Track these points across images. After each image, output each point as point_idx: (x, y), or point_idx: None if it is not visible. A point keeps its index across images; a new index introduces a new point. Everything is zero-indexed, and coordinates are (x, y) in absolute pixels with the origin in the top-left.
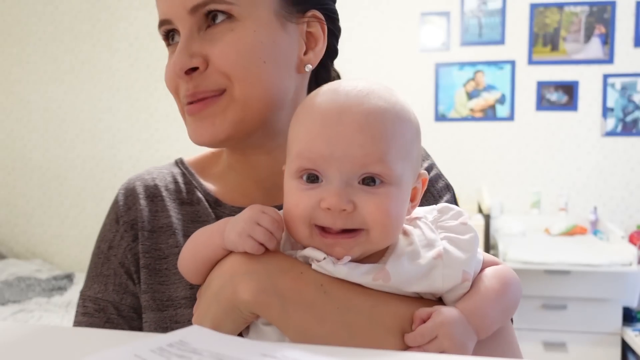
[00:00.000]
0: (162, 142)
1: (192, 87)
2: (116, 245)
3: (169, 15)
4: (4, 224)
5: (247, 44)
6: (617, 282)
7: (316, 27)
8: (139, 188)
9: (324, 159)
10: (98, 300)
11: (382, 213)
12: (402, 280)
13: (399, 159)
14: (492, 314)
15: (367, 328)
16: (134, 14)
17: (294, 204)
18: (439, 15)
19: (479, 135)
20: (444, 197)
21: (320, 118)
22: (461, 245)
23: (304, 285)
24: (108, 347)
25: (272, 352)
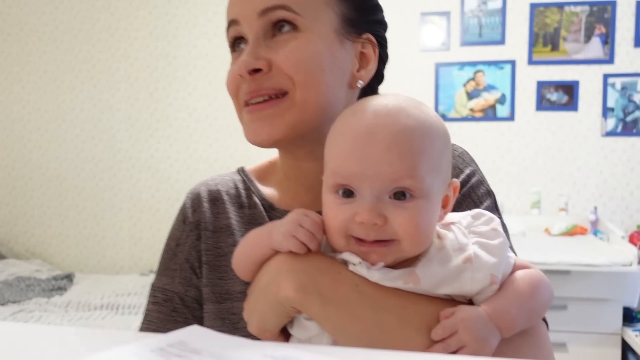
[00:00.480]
0: (162, 142)
1: (254, 85)
2: (182, 243)
3: (238, 16)
4: (3, 224)
5: (309, 51)
6: (618, 282)
7: (369, 48)
8: (203, 193)
9: (356, 177)
10: (166, 291)
11: (412, 225)
12: (432, 283)
13: (428, 173)
14: (515, 313)
15: (397, 327)
16: (134, 13)
17: (331, 217)
18: (439, 15)
19: (479, 135)
20: (485, 202)
21: (352, 138)
22: (491, 249)
23: (341, 284)
24: (108, 347)
25: (272, 352)
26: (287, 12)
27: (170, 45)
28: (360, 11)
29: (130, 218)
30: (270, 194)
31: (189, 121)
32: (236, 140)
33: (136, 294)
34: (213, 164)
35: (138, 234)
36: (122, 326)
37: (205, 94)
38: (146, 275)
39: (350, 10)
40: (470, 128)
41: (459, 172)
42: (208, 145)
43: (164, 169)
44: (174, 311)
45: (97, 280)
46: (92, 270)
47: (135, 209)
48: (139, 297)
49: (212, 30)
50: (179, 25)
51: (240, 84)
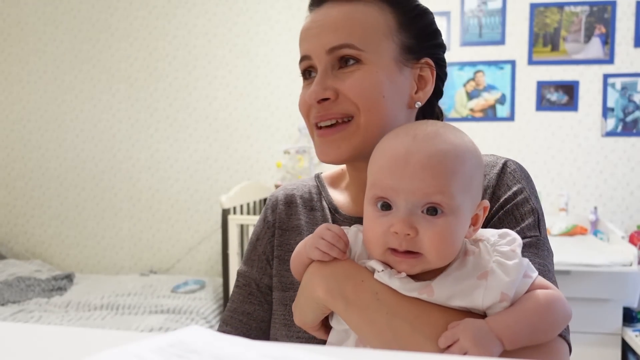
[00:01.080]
0: (162, 143)
1: (322, 110)
2: (261, 238)
3: (310, 52)
4: (3, 224)
5: (371, 81)
6: (618, 283)
7: (427, 71)
8: (280, 196)
9: (393, 190)
10: (246, 277)
11: (440, 240)
12: (445, 295)
13: (459, 192)
14: (517, 328)
15: (409, 333)
16: (134, 13)
17: (370, 228)
18: (439, 15)
19: (479, 135)
20: (526, 220)
21: (392, 157)
22: (506, 269)
23: (362, 291)
24: (108, 347)
25: (272, 352)
26: (351, 49)
27: (170, 45)
28: (418, 38)
29: (130, 218)
30: (337, 198)
31: (189, 121)
32: (236, 140)
33: (136, 294)
34: (213, 164)
35: (138, 234)
36: (122, 326)
37: (205, 94)
38: (146, 276)
39: (410, 39)
40: (470, 128)
41: (506, 189)
42: (208, 145)
43: (163, 169)
44: (250, 294)
45: (97, 280)
46: (92, 270)
47: (135, 209)
48: (138, 297)
49: (211, 30)
50: (179, 25)
51: (311, 107)
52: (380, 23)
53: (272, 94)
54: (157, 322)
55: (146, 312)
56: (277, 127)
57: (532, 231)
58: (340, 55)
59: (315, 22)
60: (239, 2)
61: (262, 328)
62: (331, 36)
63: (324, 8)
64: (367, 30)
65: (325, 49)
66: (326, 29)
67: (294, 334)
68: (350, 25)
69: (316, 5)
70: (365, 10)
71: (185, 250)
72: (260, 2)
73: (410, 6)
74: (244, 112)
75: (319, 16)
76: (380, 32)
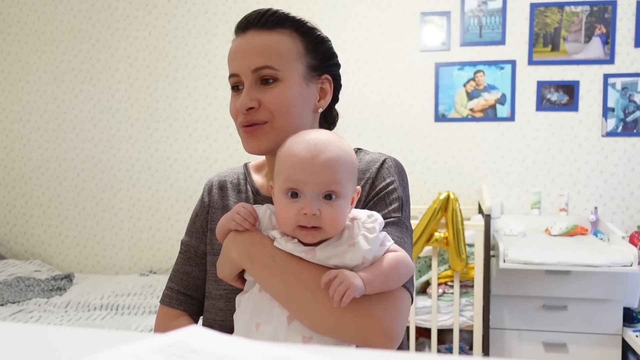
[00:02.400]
0: (162, 143)
1: (249, 117)
2: (199, 215)
3: (238, 71)
4: (3, 224)
5: (285, 95)
6: (618, 283)
7: (327, 85)
8: (215, 181)
9: (302, 183)
10: (187, 245)
11: (335, 217)
12: (324, 257)
13: (346, 182)
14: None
15: (295, 284)
16: (134, 13)
17: (284, 212)
18: (439, 15)
19: (479, 135)
20: (393, 204)
21: (300, 158)
22: (368, 240)
23: (264, 254)
24: (108, 348)
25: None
26: (270, 70)
27: (169, 45)
28: (320, 60)
29: (130, 218)
30: (260, 183)
31: (189, 121)
32: (235, 140)
33: (136, 294)
34: (213, 164)
35: (137, 234)
36: (121, 326)
37: (205, 94)
38: (146, 276)
39: (314, 60)
40: (470, 128)
41: (382, 180)
42: (208, 145)
43: (163, 169)
44: (190, 258)
45: (97, 280)
46: (92, 270)
47: (135, 209)
48: (138, 297)
49: (211, 30)
50: (179, 25)
51: (239, 113)
52: (291, 49)
53: None
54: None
55: (146, 312)
56: None
57: (396, 213)
58: (262, 75)
59: (242, 47)
60: (239, 2)
61: (198, 284)
62: (255, 59)
63: (248, 35)
64: (282, 55)
65: (250, 69)
66: (251, 53)
67: (221, 287)
68: (270, 50)
69: (241, 31)
70: (280, 38)
71: None
72: (260, 2)
73: (314, 35)
74: None
75: (244, 42)
76: (292, 56)
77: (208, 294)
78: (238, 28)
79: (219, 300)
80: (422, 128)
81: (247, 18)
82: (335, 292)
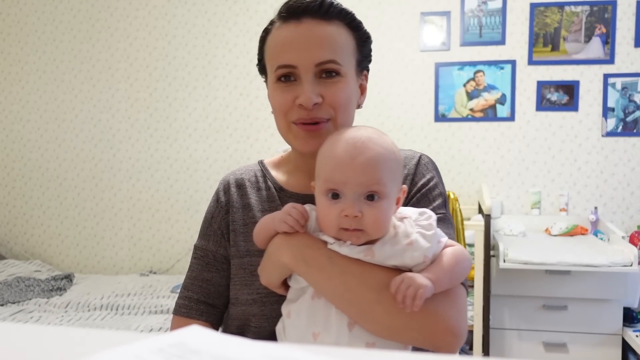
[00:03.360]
0: (162, 142)
1: (312, 114)
2: (215, 216)
3: (297, 63)
4: (3, 225)
5: (347, 91)
6: (618, 283)
7: (364, 81)
8: (231, 180)
9: (342, 184)
10: (203, 250)
11: (377, 218)
12: (383, 257)
13: (389, 182)
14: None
15: (356, 285)
16: (134, 13)
17: (325, 214)
18: (439, 15)
19: (479, 135)
20: (437, 201)
21: (340, 159)
22: (426, 237)
23: (320, 255)
24: (108, 347)
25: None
26: (335, 64)
27: (169, 45)
28: (364, 55)
29: (130, 218)
30: (280, 179)
31: (189, 121)
32: (235, 140)
33: (136, 294)
34: (213, 164)
35: (137, 234)
36: (121, 326)
37: (205, 94)
38: (146, 276)
39: (360, 56)
40: (470, 128)
41: (421, 177)
42: (208, 145)
43: (163, 169)
44: (208, 264)
45: (97, 280)
46: (92, 270)
47: (135, 209)
48: (138, 297)
49: (211, 30)
50: (178, 25)
51: (292, 108)
52: (349, 43)
53: None
54: (157, 322)
55: (146, 312)
56: (277, 127)
57: (442, 210)
58: (325, 68)
59: (301, 36)
60: (239, 2)
61: (219, 291)
62: (320, 52)
63: (304, 24)
64: (343, 49)
65: (314, 63)
66: (314, 45)
67: (253, 291)
68: (334, 44)
69: (295, 18)
70: (339, 31)
71: (185, 250)
72: (260, 2)
73: (362, 31)
74: (244, 112)
75: (302, 30)
76: (350, 50)
77: (235, 300)
78: (290, 12)
79: (252, 305)
80: (422, 128)
81: (301, 3)
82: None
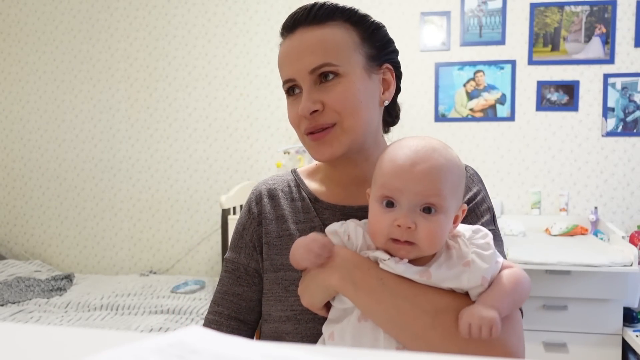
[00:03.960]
0: (162, 143)
1: (314, 123)
2: (247, 227)
3: (293, 75)
4: (3, 225)
5: (350, 91)
6: (618, 283)
7: (388, 74)
8: (263, 190)
9: (399, 191)
10: (234, 263)
11: (432, 234)
12: (440, 279)
13: (449, 196)
14: (503, 302)
15: (410, 309)
16: (134, 13)
17: (377, 222)
18: (439, 15)
19: (479, 135)
20: (485, 217)
21: (399, 165)
22: (484, 258)
23: (369, 277)
24: (108, 347)
25: (272, 353)
26: (329, 66)
27: (169, 45)
28: (378, 48)
29: (130, 218)
30: (315, 189)
31: (189, 121)
32: (235, 141)
33: (136, 294)
34: (213, 164)
35: (137, 234)
36: (121, 326)
37: (205, 94)
38: (146, 276)
39: (372, 49)
40: (470, 128)
41: (467, 190)
42: (208, 145)
43: (163, 169)
44: (239, 278)
45: (97, 280)
46: (92, 270)
47: (135, 209)
48: (138, 297)
49: (211, 30)
50: (178, 25)
51: (301, 119)
52: (347, 40)
53: (272, 93)
54: (157, 322)
55: (146, 312)
56: (277, 127)
57: (491, 225)
58: (320, 73)
59: (293, 48)
60: (239, 2)
61: (250, 307)
62: (311, 58)
63: (296, 34)
64: (338, 48)
65: (307, 70)
66: (304, 53)
67: (287, 308)
68: (324, 45)
69: (289, 32)
70: (333, 31)
71: (185, 250)
72: (260, 2)
73: (367, 22)
74: (244, 112)
75: (294, 42)
76: (349, 47)
77: (267, 317)
78: (285, 29)
79: (286, 323)
80: (422, 128)
81: (294, 16)
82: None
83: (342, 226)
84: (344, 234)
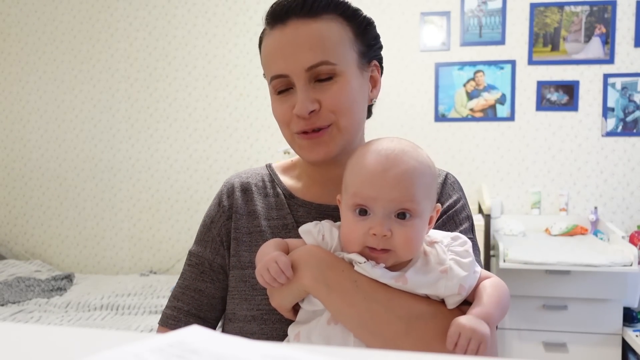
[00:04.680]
0: (162, 143)
1: (310, 123)
2: (216, 221)
3: (287, 71)
4: (3, 225)
5: (347, 91)
6: (618, 283)
7: (375, 72)
8: (236, 183)
9: (372, 199)
10: (199, 257)
11: (409, 239)
12: (416, 285)
13: (422, 199)
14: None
15: (383, 314)
16: (134, 13)
17: (351, 231)
18: (439, 15)
19: (479, 135)
20: (464, 224)
21: (370, 172)
22: (462, 265)
23: (343, 279)
24: (108, 347)
25: (272, 353)
26: (327, 65)
27: (169, 45)
28: (368, 45)
29: (130, 218)
30: (290, 185)
31: (189, 121)
32: (235, 141)
33: (136, 294)
34: (213, 164)
35: (138, 234)
36: (122, 326)
37: (205, 94)
38: (146, 276)
39: (363, 46)
40: (470, 128)
41: (447, 197)
42: (208, 145)
43: (163, 169)
44: (203, 273)
45: (97, 280)
46: (92, 270)
47: (135, 209)
48: (138, 297)
49: (211, 30)
50: (179, 25)
51: (291, 117)
52: (343, 37)
53: None
54: (157, 322)
55: (146, 312)
56: (277, 127)
57: (469, 234)
58: (318, 72)
59: (287, 41)
60: (239, 2)
61: (212, 304)
62: (308, 55)
63: (289, 26)
64: (336, 45)
65: (304, 68)
66: (301, 48)
67: (254, 307)
68: (323, 43)
69: (279, 21)
70: (329, 26)
71: (185, 250)
72: (260, 2)
73: (360, 18)
74: (244, 112)
75: (288, 35)
76: (345, 45)
77: (232, 316)
78: (274, 17)
79: (251, 322)
80: (422, 128)
81: (284, 4)
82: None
83: (317, 226)
84: (318, 234)
